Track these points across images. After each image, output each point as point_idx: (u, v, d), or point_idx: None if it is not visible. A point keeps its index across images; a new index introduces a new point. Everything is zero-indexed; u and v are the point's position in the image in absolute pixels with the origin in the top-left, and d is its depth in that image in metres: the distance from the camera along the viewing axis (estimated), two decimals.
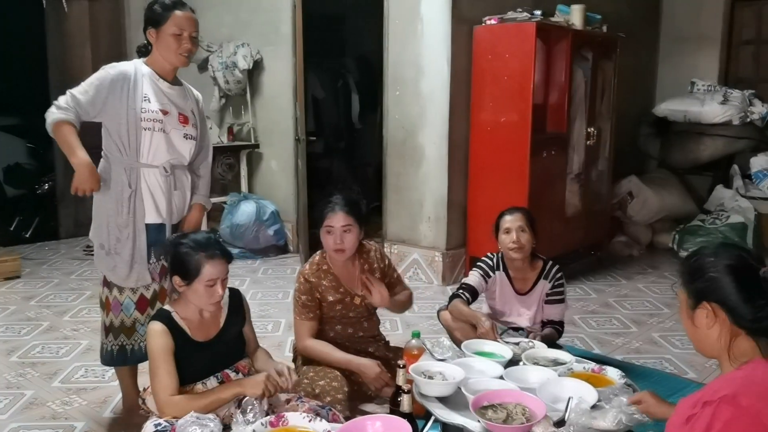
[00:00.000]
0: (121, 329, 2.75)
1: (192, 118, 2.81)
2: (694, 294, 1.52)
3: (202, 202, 2.96)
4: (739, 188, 6.44)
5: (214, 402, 2.20)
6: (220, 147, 5.88)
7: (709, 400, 1.37)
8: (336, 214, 2.79)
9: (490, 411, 2.12)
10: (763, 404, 1.32)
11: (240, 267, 5.45)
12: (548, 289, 3.15)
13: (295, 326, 2.97)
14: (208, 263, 2.23)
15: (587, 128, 5.22)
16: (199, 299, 2.26)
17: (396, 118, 5.07)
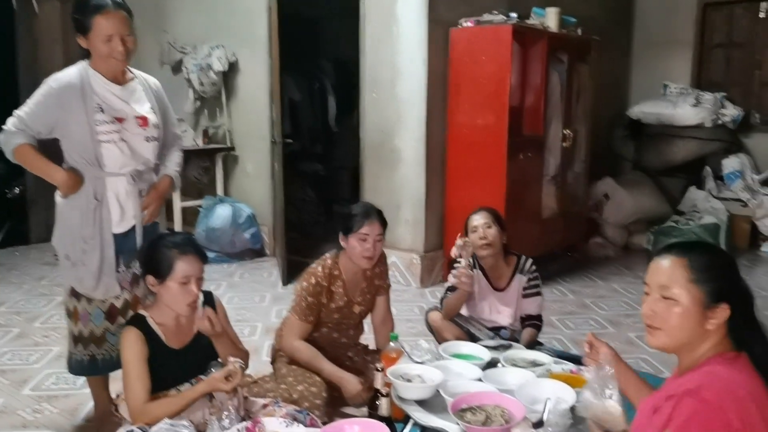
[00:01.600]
0: (91, 339, 2.67)
1: (151, 116, 2.66)
2: (715, 293, 1.46)
3: (170, 173, 2.85)
4: (712, 190, 6.54)
5: (186, 404, 2.16)
6: (195, 150, 5.83)
7: (673, 393, 1.38)
8: (373, 223, 2.82)
9: (469, 413, 2.11)
10: (727, 398, 1.32)
11: (216, 271, 5.39)
12: (525, 282, 3.18)
13: (290, 323, 2.92)
14: (181, 260, 2.20)
15: (563, 130, 5.26)
16: (173, 299, 2.22)
17: (373, 120, 5.06)
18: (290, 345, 2.89)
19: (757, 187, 6.30)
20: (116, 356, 2.62)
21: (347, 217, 2.87)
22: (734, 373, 1.40)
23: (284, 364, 2.95)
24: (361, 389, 2.76)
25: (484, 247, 3.10)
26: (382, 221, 2.88)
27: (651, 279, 1.55)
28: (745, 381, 1.39)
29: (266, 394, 2.79)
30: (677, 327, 1.50)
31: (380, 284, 3.08)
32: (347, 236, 2.84)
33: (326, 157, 7.77)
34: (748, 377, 1.41)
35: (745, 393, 1.36)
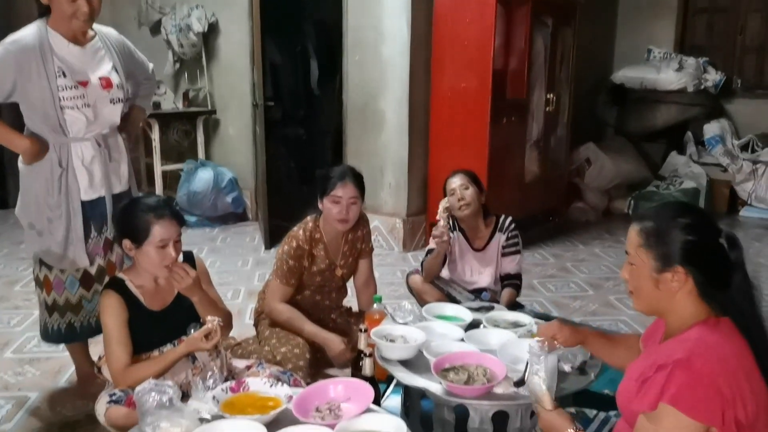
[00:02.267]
0: (67, 307, 2.61)
1: (114, 77, 2.55)
2: (667, 256, 1.45)
3: (140, 104, 2.80)
4: (693, 155, 6.59)
5: (167, 366, 2.17)
6: (175, 113, 5.75)
7: (663, 363, 1.37)
8: (346, 186, 2.79)
9: (452, 373, 2.13)
10: (718, 367, 1.33)
11: (198, 235, 5.37)
12: (503, 241, 3.20)
13: (272, 287, 2.92)
14: (157, 224, 2.16)
15: (546, 95, 5.24)
16: (151, 263, 2.20)
17: (356, 83, 5.00)
18: (272, 308, 2.90)
19: (737, 153, 6.36)
20: (95, 323, 2.60)
21: (323, 179, 2.85)
22: (721, 340, 1.40)
23: (267, 327, 2.95)
24: (344, 349, 2.78)
25: (463, 207, 3.12)
26: (358, 184, 2.84)
27: (626, 245, 1.58)
28: (732, 348, 1.40)
29: (250, 356, 2.81)
30: (641, 291, 1.53)
31: (363, 247, 3.08)
32: (323, 198, 2.84)
33: (308, 121, 7.69)
34: (734, 343, 1.41)
35: (733, 361, 1.37)
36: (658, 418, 1.36)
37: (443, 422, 2.21)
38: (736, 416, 1.32)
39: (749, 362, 1.40)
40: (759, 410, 1.37)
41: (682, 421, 1.33)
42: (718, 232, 1.47)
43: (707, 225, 1.48)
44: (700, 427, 1.33)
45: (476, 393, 2.06)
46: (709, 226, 1.48)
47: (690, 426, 1.33)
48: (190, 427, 1.77)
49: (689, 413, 1.32)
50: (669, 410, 1.34)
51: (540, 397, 1.69)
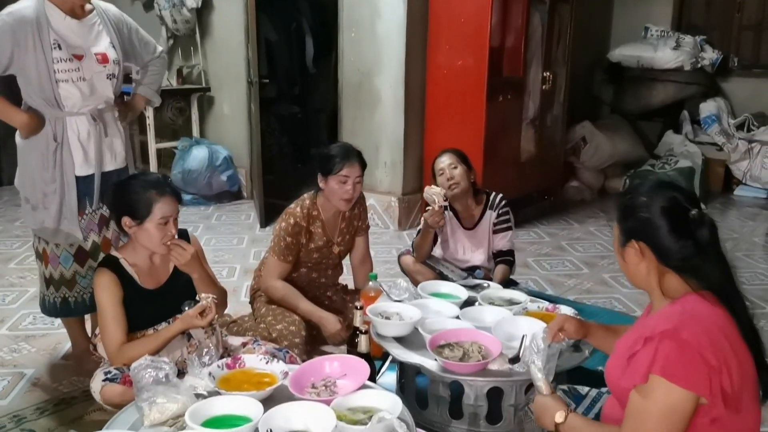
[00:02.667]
0: (61, 282, 2.62)
1: (111, 52, 2.53)
2: (625, 232, 1.54)
3: (142, 92, 2.77)
4: (688, 134, 6.59)
5: (162, 343, 2.17)
6: (169, 90, 5.69)
7: (650, 336, 1.39)
8: (354, 165, 2.81)
9: (447, 350, 2.15)
10: (703, 337, 1.35)
11: (193, 213, 5.35)
12: (494, 218, 3.21)
13: (269, 264, 2.92)
14: (159, 200, 2.16)
15: (543, 73, 5.21)
16: (151, 240, 2.19)
17: (351, 60, 4.96)
18: (269, 285, 2.90)
19: (733, 132, 6.36)
20: (89, 299, 2.60)
21: (326, 158, 2.83)
22: (705, 310, 1.42)
23: (263, 304, 2.96)
24: (339, 328, 2.79)
25: (453, 187, 3.11)
26: (362, 163, 2.86)
27: None
28: (715, 318, 1.42)
29: (245, 333, 2.82)
30: (621, 266, 1.60)
31: (359, 225, 3.08)
32: (326, 177, 2.82)
33: (304, 99, 7.64)
34: (717, 314, 1.43)
35: (717, 330, 1.38)
36: (648, 391, 1.38)
37: (438, 399, 2.23)
38: (722, 385, 1.34)
39: (733, 332, 1.43)
40: (744, 380, 1.39)
41: (672, 392, 1.34)
42: (685, 210, 1.46)
43: (673, 203, 1.48)
44: (690, 396, 1.34)
45: (471, 369, 2.07)
46: (675, 204, 1.48)
47: (680, 396, 1.34)
48: (186, 403, 1.77)
49: (679, 383, 1.34)
50: (659, 381, 1.36)
51: (536, 384, 1.72)
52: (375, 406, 1.78)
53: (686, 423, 1.36)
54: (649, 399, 1.37)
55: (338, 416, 1.70)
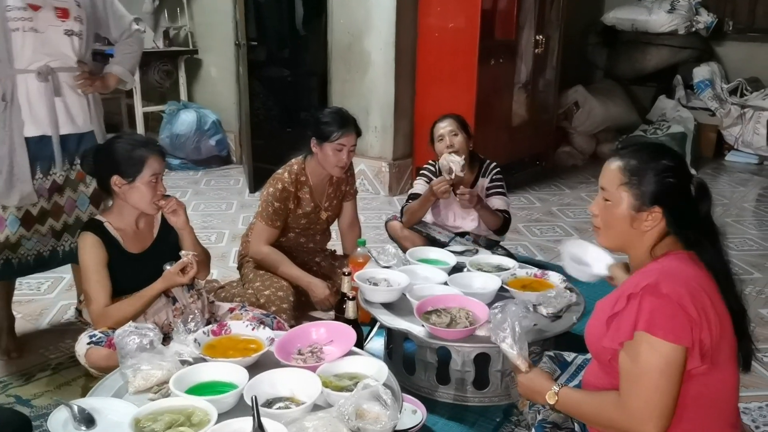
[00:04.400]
0: (5, 245, 2.49)
1: (74, 8, 2.43)
2: (646, 196, 1.48)
3: (115, 71, 2.67)
4: (681, 98, 6.54)
5: (145, 303, 2.18)
6: (155, 52, 5.59)
7: (633, 293, 1.40)
8: (351, 134, 2.81)
9: (434, 316, 2.14)
10: (684, 290, 1.36)
11: (181, 178, 5.30)
12: (487, 184, 3.19)
13: (257, 229, 2.89)
14: (150, 157, 2.16)
15: (536, 36, 5.13)
16: (143, 198, 2.19)
17: (341, 22, 4.87)
18: (257, 250, 2.88)
19: (726, 97, 6.31)
20: (32, 260, 2.53)
21: (322, 124, 2.81)
22: (685, 267, 1.44)
23: (251, 270, 2.94)
24: (328, 293, 2.79)
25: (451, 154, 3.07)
26: (358, 131, 2.86)
27: (600, 180, 1.58)
28: (695, 273, 1.43)
29: (233, 299, 2.80)
30: (611, 228, 1.55)
31: (347, 190, 3.06)
32: (322, 144, 2.79)
33: (293, 61, 7.51)
34: (698, 270, 1.45)
35: (696, 284, 1.40)
36: (635, 348, 1.38)
37: (426, 364, 2.23)
38: (701, 338, 1.35)
39: (711, 288, 1.44)
40: (722, 336, 1.41)
41: (658, 347, 1.35)
42: (690, 177, 1.51)
43: (684, 169, 1.51)
44: (676, 349, 1.35)
45: (458, 335, 2.07)
46: (685, 170, 1.51)
47: (667, 350, 1.35)
48: (171, 370, 1.76)
49: (665, 336, 1.34)
50: (645, 337, 1.36)
51: (513, 361, 1.69)
52: (361, 373, 1.78)
53: (681, 375, 1.36)
54: (640, 358, 1.37)
55: (324, 383, 1.69)
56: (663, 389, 1.35)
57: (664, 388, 1.35)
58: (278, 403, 1.63)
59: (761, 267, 3.61)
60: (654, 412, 1.36)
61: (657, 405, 1.36)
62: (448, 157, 3.00)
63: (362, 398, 1.57)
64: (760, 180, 5.72)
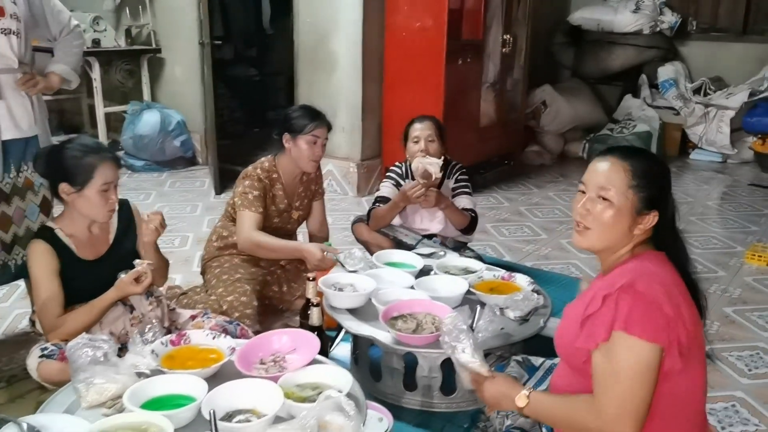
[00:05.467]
0: None
1: (9, 5, 2.35)
2: (649, 200, 1.47)
3: (57, 70, 2.59)
4: (647, 98, 6.61)
5: (98, 313, 2.09)
6: (117, 51, 5.48)
7: (608, 294, 1.38)
8: (324, 127, 2.79)
9: (400, 321, 2.10)
10: (659, 288, 1.36)
11: (145, 180, 5.19)
12: (452, 184, 3.17)
13: (241, 219, 2.76)
14: (101, 165, 2.06)
15: (503, 36, 5.13)
16: (92, 207, 2.10)
17: (307, 21, 4.81)
18: (247, 237, 2.73)
19: (690, 96, 6.39)
20: None
21: (293, 118, 2.78)
22: (658, 267, 1.45)
23: (214, 275, 2.87)
24: (322, 256, 2.63)
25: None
26: (328, 124, 2.85)
27: (590, 179, 1.52)
28: (668, 273, 1.44)
29: (195, 305, 2.73)
30: (608, 229, 1.49)
31: (316, 189, 3.05)
32: (295, 137, 2.76)
33: (261, 61, 7.44)
34: (669, 270, 1.46)
35: (670, 282, 1.40)
36: (612, 349, 1.36)
37: (392, 370, 2.19)
38: (678, 336, 1.35)
39: (683, 288, 1.45)
40: (696, 333, 1.41)
41: (636, 346, 1.34)
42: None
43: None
44: (654, 348, 1.33)
45: (424, 341, 2.04)
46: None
47: (644, 349, 1.33)
48: (126, 383, 1.69)
49: (642, 335, 1.33)
50: (622, 337, 1.35)
51: (475, 371, 1.65)
52: (325, 382, 1.73)
53: (656, 376, 1.35)
54: (616, 358, 1.36)
55: (286, 394, 1.64)
56: (638, 391, 1.34)
57: (639, 390, 1.34)
58: (238, 416, 1.58)
59: (725, 265, 3.65)
60: (629, 415, 1.34)
61: (631, 407, 1.34)
62: (423, 160, 2.95)
63: (324, 409, 1.52)
64: (724, 178, 5.80)
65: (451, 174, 3.17)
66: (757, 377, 2.48)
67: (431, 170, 2.93)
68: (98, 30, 5.33)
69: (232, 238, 2.90)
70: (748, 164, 6.18)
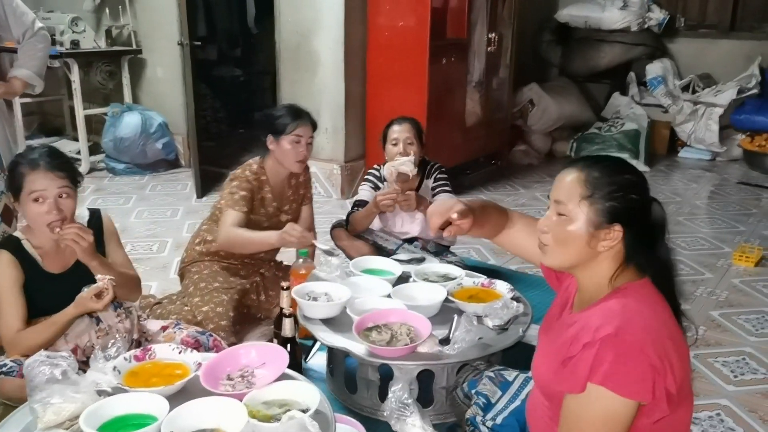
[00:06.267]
0: None
1: None
2: (605, 212, 1.34)
3: (19, 75, 2.55)
4: (635, 95, 6.56)
5: (58, 330, 2.01)
6: (97, 52, 5.38)
7: (589, 341, 1.26)
8: (307, 125, 2.73)
9: (375, 332, 2.04)
10: (647, 338, 1.24)
11: (126, 183, 5.11)
12: (432, 184, 3.12)
13: (225, 216, 2.69)
14: (29, 175, 1.97)
15: (488, 34, 5.07)
16: (29, 218, 2.03)
17: (289, 21, 4.73)
18: (225, 233, 2.67)
19: (678, 93, 6.35)
20: None
21: (276, 118, 2.73)
22: (644, 307, 1.31)
23: (192, 282, 2.80)
24: (300, 231, 2.53)
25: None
26: (313, 123, 2.79)
27: (552, 193, 1.43)
28: (656, 313, 1.31)
29: (169, 316, 2.66)
30: (564, 246, 1.38)
31: (305, 192, 3.00)
32: (278, 139, 2.70)
33: (246, 61, 7.35)
34: (657, 307, 1.33)
35: (659, 326, 1.28)
36: (587, 400, 1.26)
37: (367, 382, 2.14)
38: (666, 386, 1.24)
39: (672, 324, 1.34)
40: (684, 373, 1.31)
41: (613, 402, 1.24)
42: (650, 196, 1.39)
43: (645, 186, 1.39)
44: (631, 404, 1.24)
45: (398, 354, 1.97)
46: (646, 188, 1.39)
47: (621, 405, 1.24)
48: (86, 402, 1.62)
49: (621, 392, 1.23)
50: (599, 391, 1.24)
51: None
52: (293, 399, 1.66)
53: (627, 428, 1.26)
54: (587, 409, 1.27)
55: (251, 412, 1.58)
56: None
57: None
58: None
59: (712, 267, 3.60)
60: None
61: None
62: (393, 164, 2.90)
63: (289, 430, 1.46)
64: (712, 176, 5.76)
65: (430, 174, 3.12)
66: (743, 384, 2.43)
67: (405, 170, 2.87)
68: (77, 31, 5.23)
69: (217, 252, 2.84)
70: (737, 162, 6.14)
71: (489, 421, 1.73)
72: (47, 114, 6.20)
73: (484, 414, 1.75)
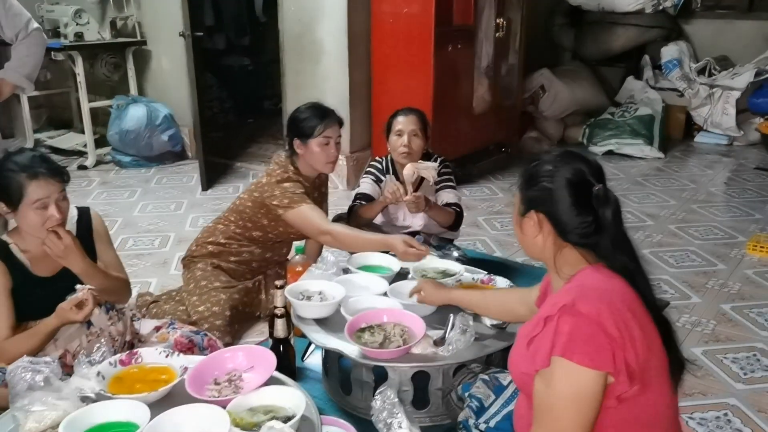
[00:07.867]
0: None
1: None
2: (525, 201, 1.44)
3: (9, 77, 2.53)
4: (649, 79, 6.42)
5: (41, 339, 1.98)
6: (102, 44, 5.35)
7: (549, 315, 1.29)
8: (334, 125, 2.67)
9: (367, 333, 1.99)
10: (603, 308, 1.24)
11: (131, 177, 5.09)
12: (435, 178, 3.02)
13: (303, 215, 2.59)
14: (32, 183, 1.94)
15: (496, 19, 4.96)
16: (31, 226, 1.98)
17: (291, 10, 4.66)
18: (328, 230, 2.57)
19: (694, 76, 6.18)
20: None
21: (301, 121, 2.65)
22: (603, 282, 1.33)
23: (194, 278, 2.77)
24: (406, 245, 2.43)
25: (405, 156, 2.92)
26: (339, 121, 2.73)
27: None
28: (615, 287, 1.32)
29: (164, 315, 2.63)
30: (518, 237, 1.51)
31: (325, 191, 2.96)
32: (306, 142, 2.64)
33: (254, 50, 7.28)
34: (616, 284, 1.34)
35: (618, 300, 1.29)
36: (551, 376, 1.25)
37: (362, 383, 2.08)
38: (626, 359, 1.22)
39: (635, 303, 1.32)
40: (650, 353, 1.27)
41: (575, 373, 1.22)
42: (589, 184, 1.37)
43: (579, 176, 1.38)
44: (596, 375, 1.22)
45: (391, 356, 1.92)
46: (581, 177, 1.38)
47: (584, 376, 1.22)
48: (68, 409, 1.59)
49: (581, 361, 1.21)
50: (561, 363, 1.23)
51: None
52: (278, 405, 1.63)
53: (597, 406, 1.24)
54: (553, 385, 1.25)
55: (234, 420, 1.54)
56: (571, 422, 1.23)
57: (574, 420, 1.23)
58: None
59: (725, 257, 3.49)
60: None
61: None
62: (418, 166, 2.78)
63: None
64: (729, 162, 5.62)
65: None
66: (753, 381, 2.34)
67: (427, 175, 2.79)
68: (81, 23, 5.19)
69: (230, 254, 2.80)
70: (755, 147, 5.98)
71: (482, 425, 1.69)
72: (55, 107, 6.19)
73: (476, 417, 1.71)
